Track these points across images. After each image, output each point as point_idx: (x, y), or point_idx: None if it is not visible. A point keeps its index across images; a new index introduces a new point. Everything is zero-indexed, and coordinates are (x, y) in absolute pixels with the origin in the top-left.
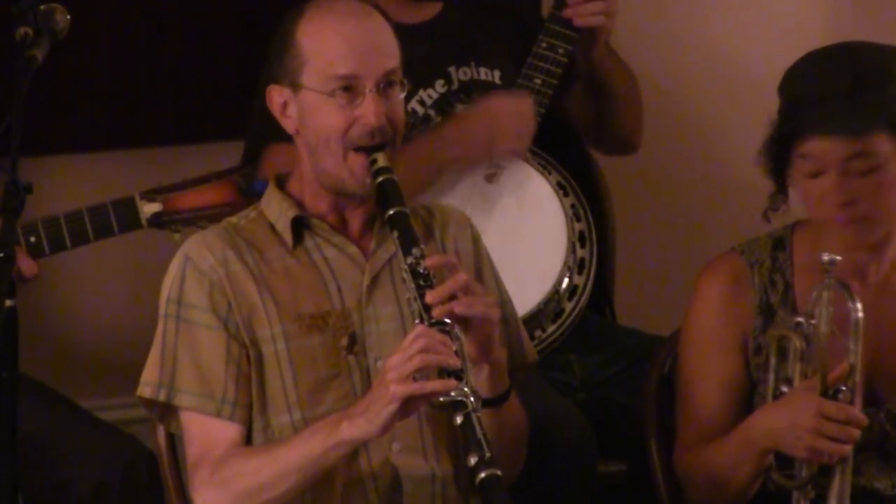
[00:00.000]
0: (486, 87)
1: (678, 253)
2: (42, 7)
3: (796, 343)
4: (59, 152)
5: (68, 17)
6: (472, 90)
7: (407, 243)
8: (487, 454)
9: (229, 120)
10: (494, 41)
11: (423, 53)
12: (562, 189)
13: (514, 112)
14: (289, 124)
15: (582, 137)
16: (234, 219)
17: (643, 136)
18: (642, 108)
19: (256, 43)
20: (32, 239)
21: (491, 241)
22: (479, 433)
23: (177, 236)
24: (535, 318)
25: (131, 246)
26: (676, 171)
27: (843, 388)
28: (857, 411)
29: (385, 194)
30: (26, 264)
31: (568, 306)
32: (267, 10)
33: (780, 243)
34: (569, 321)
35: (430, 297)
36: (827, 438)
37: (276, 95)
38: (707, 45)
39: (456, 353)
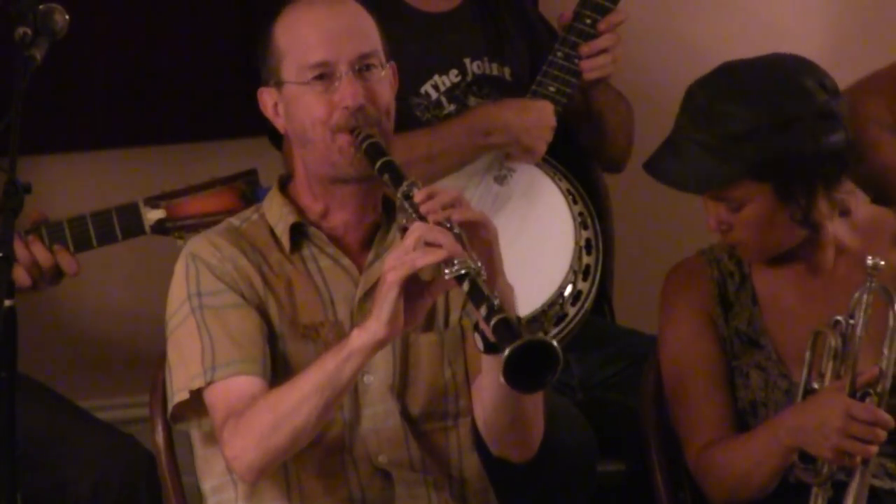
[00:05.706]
0: (497, 83)
1: (677, 253)
2: (41, 7)
3: (832, 341)
4: (57, 151)
5: (67, 16)
6: (484, 84)
7: (399, 179)
8: (496, 302)
9: (229, 119)
10: (507, 39)
11: (440, 42)
12: (571, 196)
13: (541, 117)
14: (280, 124)
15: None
16: (235, 221)
17: (641, 135)
18: (633, 135)
19: (255, 42)
20: None
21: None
22: (486, 291)
23: (180, 242)
24: (538, 321)
25: (131, 246)
26: None
27: (871, 391)
28: (884, 413)
29: (373, 154)
30: (67, 261)
31: (571, 311)
32: (266, 9)
33: None
34: (571, 326)
35: (424, 206)
36: (853, 439)
37: (267, 97)
38: (708, 48)
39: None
